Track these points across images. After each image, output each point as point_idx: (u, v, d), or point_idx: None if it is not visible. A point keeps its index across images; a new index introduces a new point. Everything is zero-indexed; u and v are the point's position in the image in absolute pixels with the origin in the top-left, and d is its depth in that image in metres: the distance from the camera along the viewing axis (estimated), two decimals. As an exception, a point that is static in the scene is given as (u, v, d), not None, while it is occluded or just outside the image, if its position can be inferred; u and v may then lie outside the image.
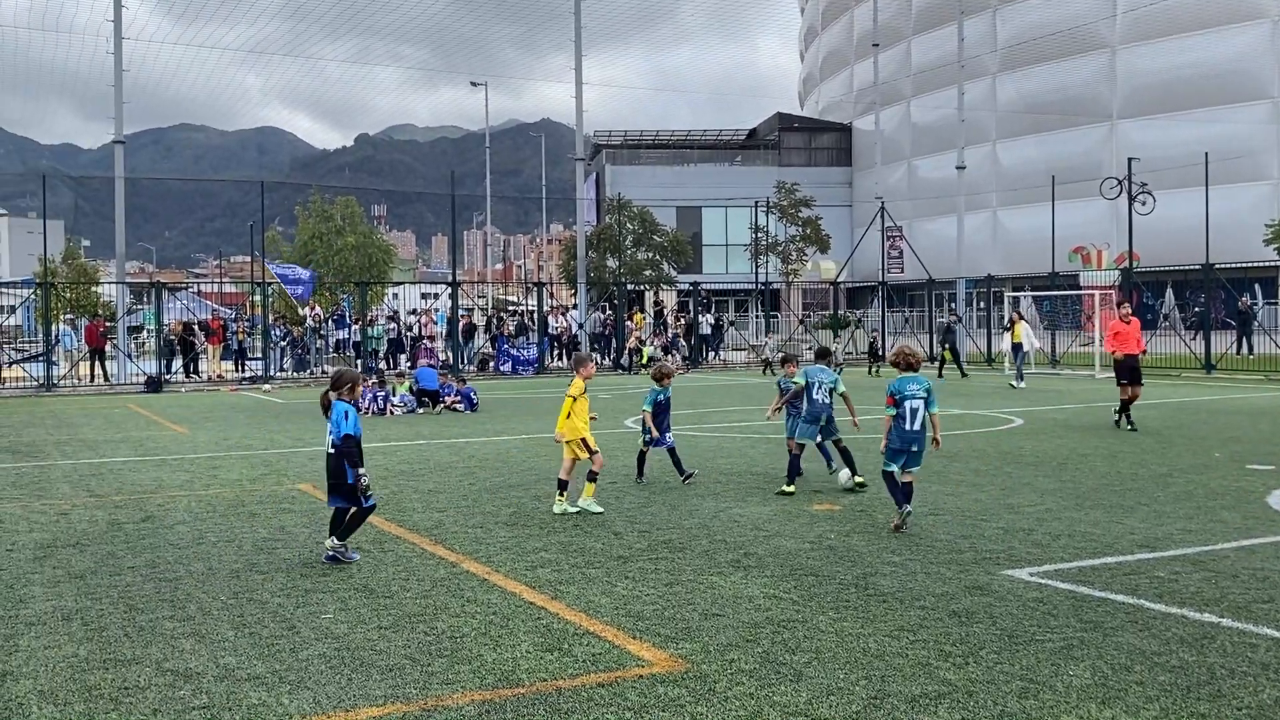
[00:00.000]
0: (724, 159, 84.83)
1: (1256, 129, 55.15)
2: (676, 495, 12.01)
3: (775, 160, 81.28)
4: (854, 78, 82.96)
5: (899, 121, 76.46)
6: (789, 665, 6.19)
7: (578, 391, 11.49)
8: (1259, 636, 6.61)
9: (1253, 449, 15.20)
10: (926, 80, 72.07)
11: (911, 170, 75.31)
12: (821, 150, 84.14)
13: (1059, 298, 42.89)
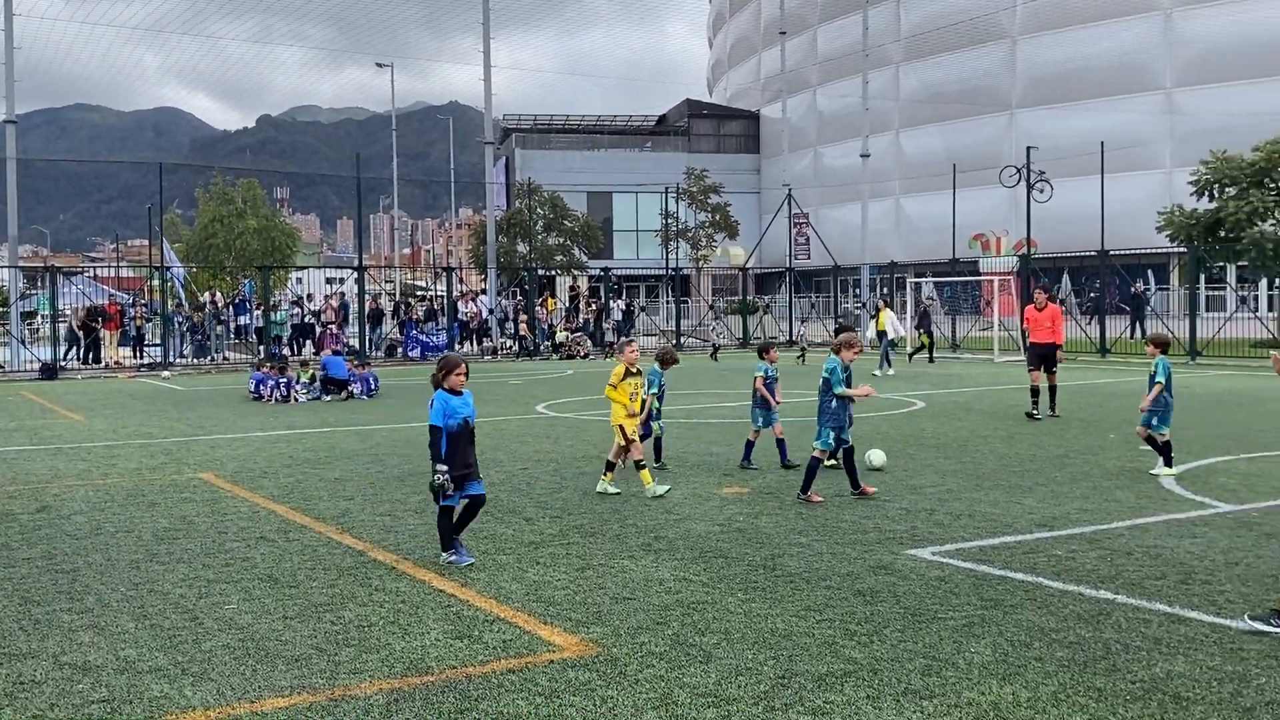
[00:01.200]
0: (634, 144, 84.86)
1: (1149, 119, 56.80)
2: (589, 481, 12.02)
3: (685, 146, 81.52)
4: (761, 65, 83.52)
5: (805, 109, 77.21)
6: (698, 647, 6.24)
7: (617, 379, 11.42)
8: (1151, 612, 6.83)
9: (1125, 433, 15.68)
10: (832, 69, 72.82)
11: (818, 158, 76.12)
12: (730, 137, 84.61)
13: (959, 284, 43.77)
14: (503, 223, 56.26)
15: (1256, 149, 36.05)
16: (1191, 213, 37.16)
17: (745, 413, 13.28)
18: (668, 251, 55.36)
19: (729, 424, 17.08)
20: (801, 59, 75.88)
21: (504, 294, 46.45)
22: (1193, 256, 35.36)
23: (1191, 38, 56.42)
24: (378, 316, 41.95)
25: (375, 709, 5.37)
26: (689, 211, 59.49)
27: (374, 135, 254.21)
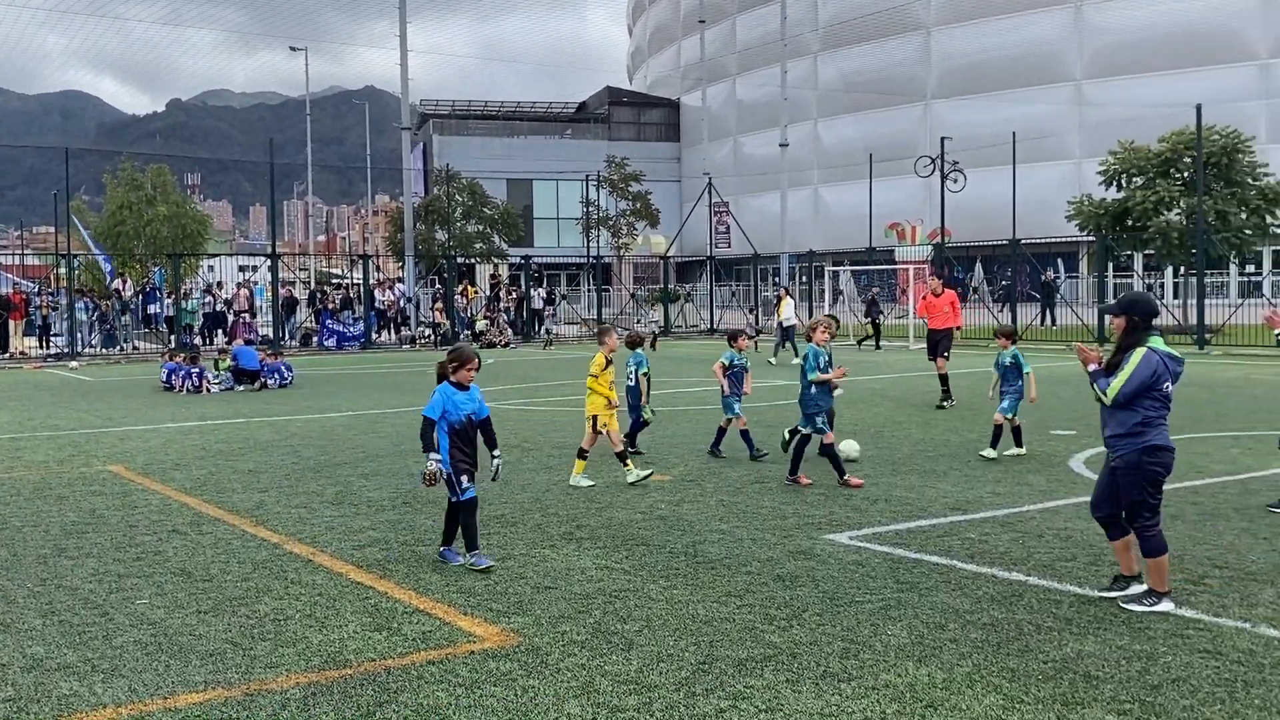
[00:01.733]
0: (554, 132, 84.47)
1: (1060, 110, 57.99)
2: (509, 470, 11.95)
3: (605, 134, 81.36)
4: (681, 53, 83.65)
5: (725, 98, 77.52)
6: (620, 634, 6.25)
7: (599, 369, 11.27)
8: (1062, 593, 6.99)
9: (1055, 415, 16.04)
10: (751, 58, 73.19)
11: (737, 146, 76.49)
12: (650, 125, 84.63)
13: (876, 272, 44.35)
14: (420, 210, 55.68)
15: (1162, 140, 37.01)
16: (1100, 202, 38.05)
17: (670, 400, 13.33)
18: (589, 239, 55.28)
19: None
20: (720, 48, 76.17)
21: (422, 282, 45.99)
22: (1101, 245, 36.20)
23: (1101, 30, 57.69)
24: (292, 305, 41.29)
25: (292, 703, 5.29)
26: (610, 199, 59.42)
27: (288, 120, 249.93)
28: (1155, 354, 6.58)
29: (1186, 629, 6.23)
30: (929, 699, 5.25)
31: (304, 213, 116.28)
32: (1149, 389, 6.55)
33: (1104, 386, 6.65)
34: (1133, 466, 6.61)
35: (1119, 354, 6.71)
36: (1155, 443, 6.58)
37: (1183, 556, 7.84)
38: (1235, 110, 44.28)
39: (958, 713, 5.08)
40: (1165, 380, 6.59)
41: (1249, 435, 13.76)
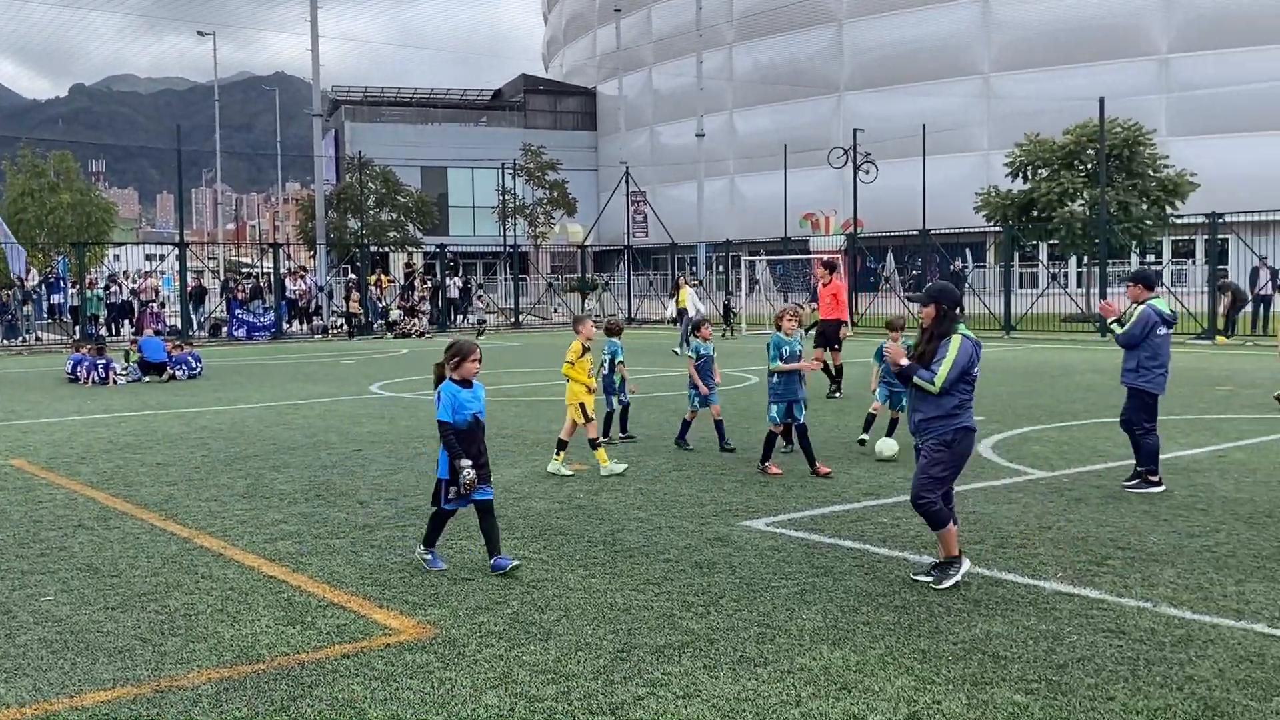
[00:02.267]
0: (469, 119, 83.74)
1: (968, 103, 59.01)
2: (425, 462, 11.86)
3: (521, 122, 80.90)
4: (597, 42, 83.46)
5: (641, 87, 77.55)
6: (538, 624, 6.25)
7: (575, 356, 11.17)
8: (971, 575, 7.14)
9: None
10: (667, 48, 73.30)
11: (654, 136, 76.60)
12: (567, 114, 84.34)
13: (791, 262, 44.78)
14: (332, 198, 54.90)
15: (1067, 132, 37.90)
16: (1007, 193, 38.85)
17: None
18: (505, 228, 54.97)
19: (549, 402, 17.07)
20: (637, 36, 76.15)
21: (335, 271, 45.37)
22: (1008, 235, 36.97)
23: (1007, 24, 58.78)
24: (201, 295, 40.44)
25: (204, 699, 5.20)
26: (526, 188, 59.16)
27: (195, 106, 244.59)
28: (968, 341, 6.85)
29: (1091, 609, 6.41)
30: (843, 681, 5.34)
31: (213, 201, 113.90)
32: (964, 374, 6.80)
33: (928, 377, 6.77)
34: (946, 444, 6.82)
35: (932, 342, 6.85)
36: (966, 424, 6.87)
37: (1086, 539, 8.06)
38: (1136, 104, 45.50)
39: (871, 694, 5.17)
40: (975, 365, 6.91)
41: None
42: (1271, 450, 11.78)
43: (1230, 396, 16.77)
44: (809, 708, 5.03)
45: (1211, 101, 52.44)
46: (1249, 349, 27.03)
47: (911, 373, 6.84)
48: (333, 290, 43.06)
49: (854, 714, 4.95)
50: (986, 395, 17.20)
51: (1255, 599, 6.54)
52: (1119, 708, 4.98)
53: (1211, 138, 51.00)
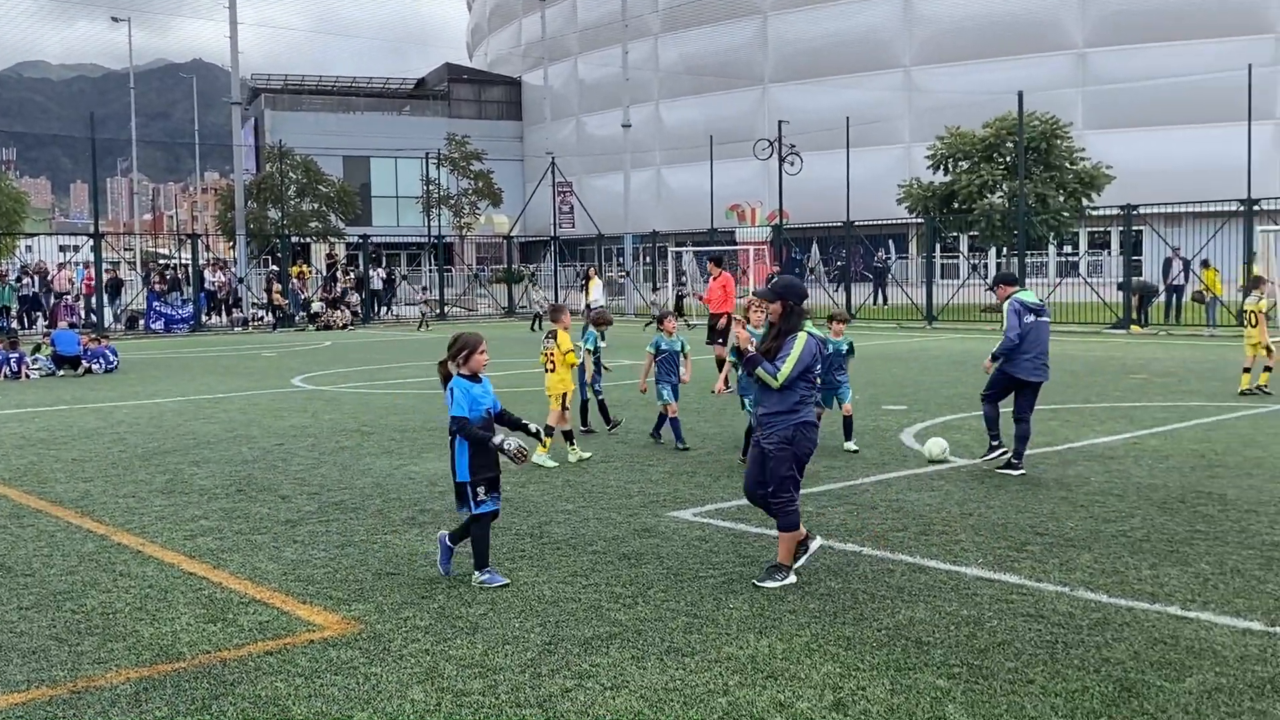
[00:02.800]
0: (392, 108, 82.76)
1: (890, 96, 59.70)
2: (349, 456, 11.74)
3: (445, 111, 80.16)
4: (522, 31, 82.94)
5: (567, 77, 77.27)
6: (465, 619, 6.21)
7: (568, 345, 11.23)
8: (895, 562, 7.24)
9: (887, 391, 16.58)
10: (592, 38, 73.10)
11: (580, 126, 76.39)
12: (492, 103, 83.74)
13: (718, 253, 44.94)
14: (252, 187, 53.96)
15: (986, 125, 38.50)
16: (928, 185, 39.38)
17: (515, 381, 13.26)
18: (429, 219, 54.51)
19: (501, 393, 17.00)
20: (562, 26, 75.84)
21: (255, 262, 44.61)
22: (929, 227, 37.49)
23: (929, 19, 59.54)
24: (117, 286, 39.54)
25: (122, 699, 5.10)
26: (451, 178, 58.66)
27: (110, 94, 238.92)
28: (813, 339, 6.88)
29: (1011, 594, 6.54)
30: (770, 669, 5.38)
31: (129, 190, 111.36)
32: (807, 370, 6.78)
33: (772, 371, 6.69)
34: (788, 441, 6.74)
35: (779, 338, 6.80)
36: (808, 419, 6.83)
37: (1006, 525, 8.21)
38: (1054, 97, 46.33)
39: (797, 682, 5.22)
40: (819, 363, 7.01)
41: (1067, 408, 14.48)
42: (1184, 437, 12.10)
43: (1144, 385, 17.19)
44: (736, 696, 5.06)
45: (1126, 96, 53.63)
46: (1162, 338, 27.73)
47: (756, 364, 6.74)
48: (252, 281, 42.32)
49: (780, 701, 5.00)
50: (909, 384, 17.44)
51: (1169, 582, 6.71)
52: (1038, 690, 5.08)
53: (1126, 131, 52.17)
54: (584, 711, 4.92)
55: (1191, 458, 10.80)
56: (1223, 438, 11.92)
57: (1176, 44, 52.38)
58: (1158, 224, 32.55)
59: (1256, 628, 5.88)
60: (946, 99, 54.40)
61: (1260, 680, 5.15)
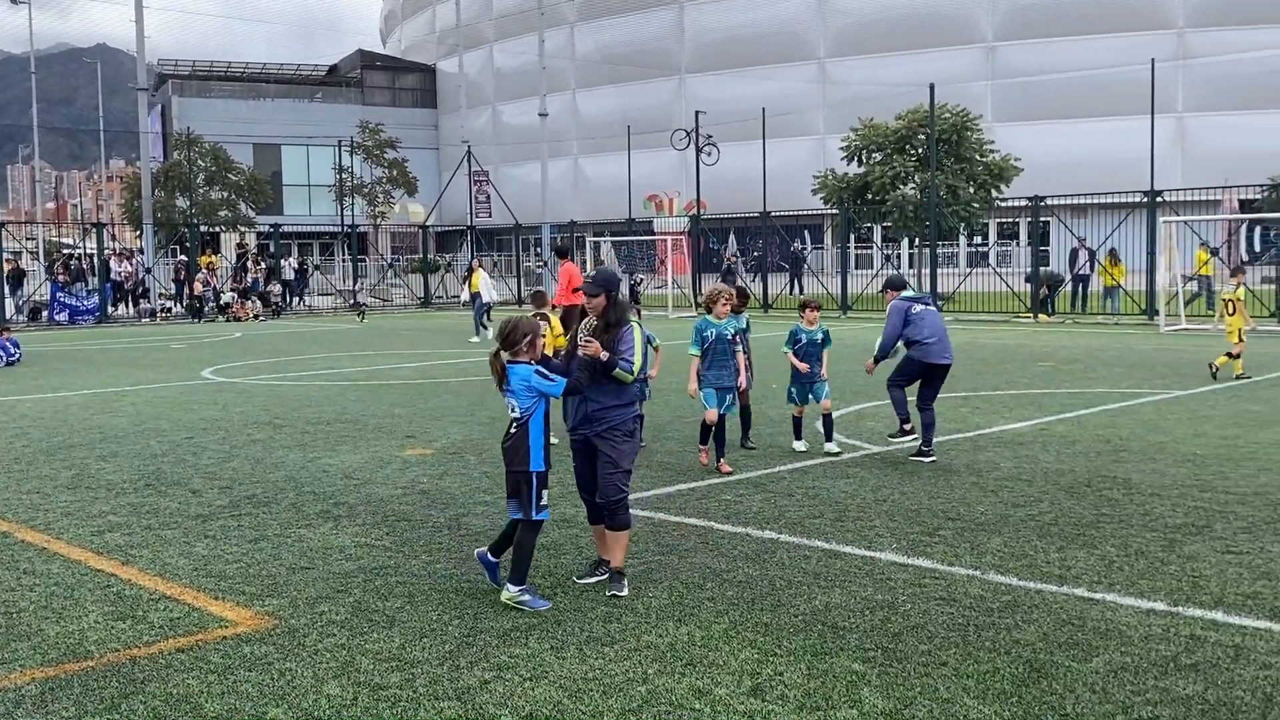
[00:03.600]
0: (304, 95, 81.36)
1: (805, 87, 60.24)
2: (261, 448, 11.54)
3: (358, 99, 79.00)
4: (436, 18, 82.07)
5: (483, 65, 76.66)
6: (381, 612, 6.15)
7: (559, 328, 11.11)
8: (811, 549, 7.33)
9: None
10: (508, 25, 72.58)
11: (496, 115, 75.87)
12: (406, 91, 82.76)
13: (636, 243, 45.02)
14: (159, 175, 52.73)
15: (899, 117, 39.02)
16: (843, 176, 39.81)
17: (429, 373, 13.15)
18: (343, 208, 53.75)
19: (412, 385, 16.86)
20: (477, 13, 75.19)
21: (162, 252, 43.61)
22: (844, 217, 37.92)
23: (842, 11, 60.17)
24: (19, 277, 38.38)
25: (28, 700, 4.96)
26: (364, 166, 57.91)
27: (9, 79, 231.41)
28: (641, 330, 6.72)
29: (924, 579, 6.65)
30: (688, 657, 5.41)
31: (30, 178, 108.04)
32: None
33: (627, 366, 6.44)
34: (629, 435, 6.54)
35: (610, 331, 6.52)
36: (641, 412, 6.81)
37: (919, 510, 8.36)
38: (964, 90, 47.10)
39: (715, 669, 5.26)
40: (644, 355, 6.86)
41: (977, 395, 14.77)
42: (1090, 423, 12.41)
43: (1051, 372, 17.60)
44: (655, 684, 5.08)
45: (1034, 89, 54.75)
46: (1068, 326, 28.39)
47: (614, 365, 6.41)
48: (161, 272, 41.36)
49: (699, 689, 5.03)
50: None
51: (1076, 565, 6.89)
52: (950, 672, 5.18)
53: (1034, 124, 53.26)
54: (503, 702, 4.91)
55: (1097, 443, 11.08)
56: (1127, 424, 12.25)
57: (1082, 39, 53.61)
58: (1064, 215, 33.32)
59: (1160, 608, 6.06)
60: (860, 91, 55.05)
61: (1164, 659, 5.31)
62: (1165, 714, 4.68)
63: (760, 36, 61.87)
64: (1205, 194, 33.13)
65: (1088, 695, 4.89)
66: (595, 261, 44.49)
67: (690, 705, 4.86)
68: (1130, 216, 30.83)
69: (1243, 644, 5.47)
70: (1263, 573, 6.63)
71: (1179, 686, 4.97)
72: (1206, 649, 5.42)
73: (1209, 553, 7.07)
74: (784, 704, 4.85)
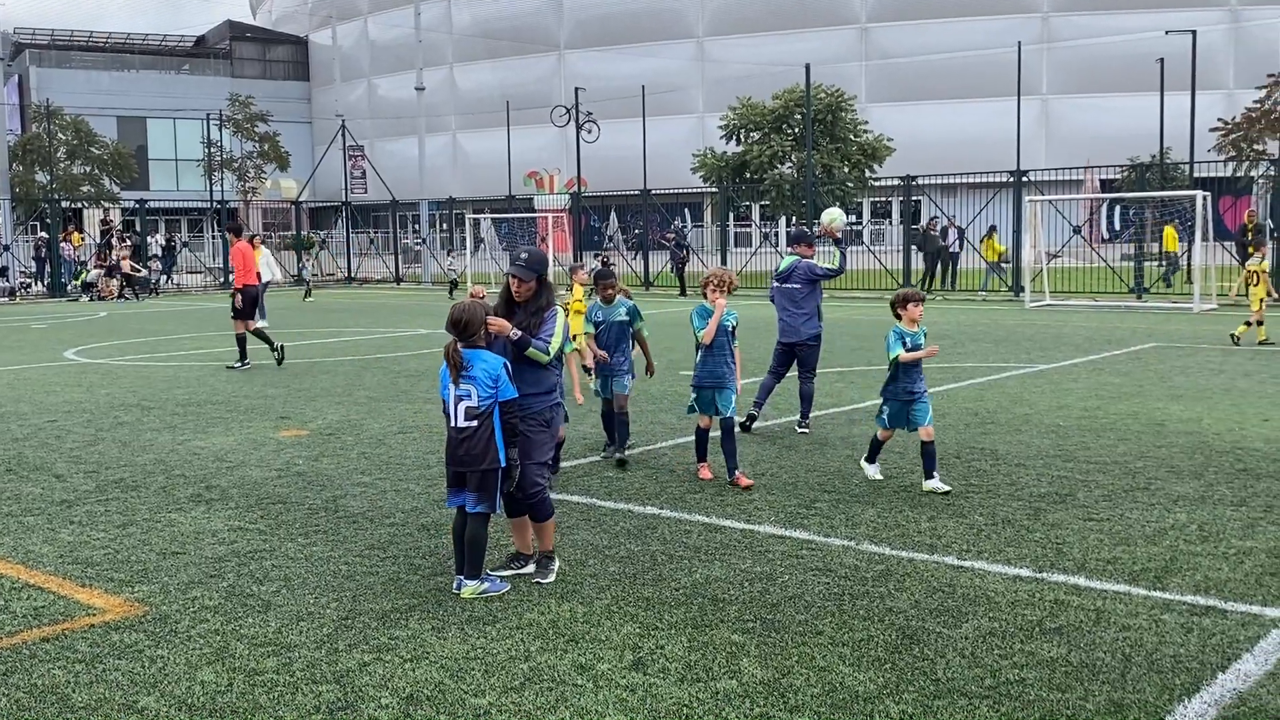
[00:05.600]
0: (170, 67, 78.71)
1: (685, 66, 60.51)
2: (128, 431, 11.18)
3: (228, 71, 76.77)
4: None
5: (357, 38, 75.11)
6: (256, 596, 6.03)
7: (580, 294, 10.92)
8: (691, 523, 7.41)
9: (685, 358, 16.87)
10: (383, -3, 71.31)
11: (372, 89, 74.48)
12: (277, 63, 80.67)
13: (516, 220, 44.72)
14: (17, 149, 50.55)
15: (776, 97, 39.52)
16: (722, 155, 40.17)
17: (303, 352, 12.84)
18: (212, 183, 52.23)
19: (286, 365, 16.49)
20: (351, -15, 73.66)
21: (21, 228, 41.82)
22: (723, 196, 38.27)
23: (720, -10, 60.57)
24: None
25: (-123, 700, 4.73)
26: (234, 140, 56.33)
27: None
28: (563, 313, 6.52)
29: (801, 550, 6.78)
30: (571, 633, 5.43)
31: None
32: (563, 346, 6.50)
33: (542, 347, 6.22)
34: (546, 423, 6.35)
35: (538, 315, 6.31)
36: (559, 399, 6.49)
37: (796, 483, 8.51)
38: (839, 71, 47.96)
39: (598, 644, 5.29)
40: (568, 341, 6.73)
41: (853, 370, 15.08)
42: (959, 396, 12.77)
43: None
44: (538, 661, 5.09)
45: (906, 70, 55.92)
46: (938, 302, 29.15)
47: (526, 344, 6.19)
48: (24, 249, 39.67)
49: (582, 664, 5.05)
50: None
51: (946, 534, 7.10)
52: (826, 640, 5.30)
53: (906, 104, 54.43)
54: (383, 684, 4.86)
55: (965, 416, 11.42)
56: (994, 397, 12.65)
57: (952, 21, 54.92)
58: (935, 194, 34.14)
59: (1025, 574, 6.28)
60: (738, 70, 55.51)
61: (1029, 623, 5.51)
62: (1031, 676, 4.87)
63: (639, 14, 61.89)
64: (1068, 174, 34.30)
65: (957, 660, 5.06)
66: (476, 240, 44.07)
67: (573, 681, 4.88)
68: (997, 196, 31.75)
69: (1103, 607, 5.71)
70: (1122, 539, 6.93)
71: (1044, 650, 5.17)
72: (1070, 613, 5.64)
73: (1071, 520, 7.36)
74: (665, 676, 4.91)
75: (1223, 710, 4.51)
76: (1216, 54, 49.75)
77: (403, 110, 65.46)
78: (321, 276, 45.46)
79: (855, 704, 4.61)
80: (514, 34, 65.90)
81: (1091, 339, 18.66)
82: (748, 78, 50.66)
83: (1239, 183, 38.20)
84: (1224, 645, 5.18)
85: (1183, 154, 34.50)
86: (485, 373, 5.97)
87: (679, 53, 60.54)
